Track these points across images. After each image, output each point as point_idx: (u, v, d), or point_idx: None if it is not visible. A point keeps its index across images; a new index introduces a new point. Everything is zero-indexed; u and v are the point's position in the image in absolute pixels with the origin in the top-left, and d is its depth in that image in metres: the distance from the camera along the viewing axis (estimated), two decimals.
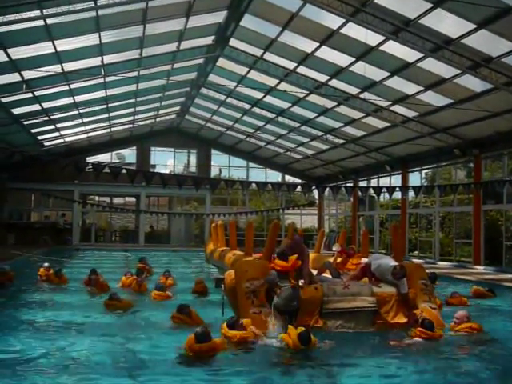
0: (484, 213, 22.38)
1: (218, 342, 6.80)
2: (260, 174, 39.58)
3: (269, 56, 20.05)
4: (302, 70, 20.33)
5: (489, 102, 17.93)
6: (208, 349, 6.56)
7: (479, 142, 21.63)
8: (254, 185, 18.47)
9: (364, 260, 11.09)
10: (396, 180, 28.83)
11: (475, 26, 13.89)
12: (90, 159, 33.15)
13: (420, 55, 16.32)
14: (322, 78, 20.49)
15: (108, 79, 20.93)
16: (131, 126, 32.35)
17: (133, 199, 40.63)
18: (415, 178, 28.72)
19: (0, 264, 16.58)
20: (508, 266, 19.97)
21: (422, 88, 18.80)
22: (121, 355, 6.91)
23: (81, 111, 25.50)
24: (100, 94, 23.30)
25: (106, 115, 27.79)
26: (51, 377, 5.91)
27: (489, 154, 22.22)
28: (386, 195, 24.50)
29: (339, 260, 12.10)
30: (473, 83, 17.43)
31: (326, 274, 10.59)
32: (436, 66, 16.82)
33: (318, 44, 17.62)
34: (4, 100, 20.32)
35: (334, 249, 12.74)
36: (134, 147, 37.02)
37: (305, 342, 6.99)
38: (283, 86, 22.07)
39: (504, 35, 14.04)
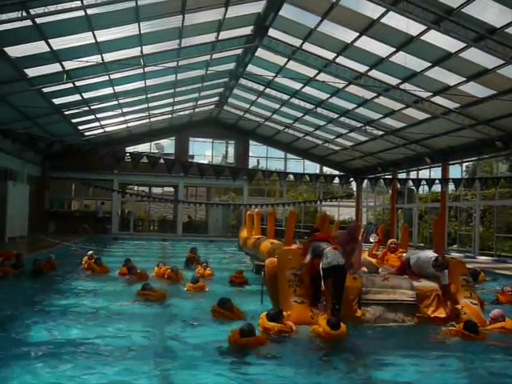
0: None
1: (260, 337, 6.92)
2: (298, 166, 39.46)
3: (308, 46, 19.93)
4: (341, 60, 20.13)
5: None
6: (252, 343, 6.69)
7: None
8: (291, 176, 18.50)
9: (404, 255, 10.97)
10: (436, 173, 28.39)
11: None
12: (130, 149, 33.59)
13: (462, 45, 15.95)
14: (362, 68, 20.26)
15: (147, 69, 21.13)
16: (170, 116, 32.66)
17: (171, 189, 41.12)
18: (455, 171, 28.22)
19: (44, 252, 17.07)
20: None
21: (463, 79, 18.40)
22: (158, 346, 7.04)
23: (120, 101, 25.89)
24: (139, 84, 23.59)
25: (145, 105, 28.14)
26: (89, 363, 6.09)
27: None
28: (426, 188, 24.11)
29: (376, 251, 11.99)
30: None
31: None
32: (478, 56, 16.41)
33: (357, 34, 17.42)
34: (45, 90, 20.77)
35: (371, 240, 12.64)
36: (173, 137, 37.35)
37: (335, 327, 7.08)
38: (322, 77, 21.89)
39: None
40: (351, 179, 23.23)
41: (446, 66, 17.84)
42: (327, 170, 39.53)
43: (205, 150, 39.72)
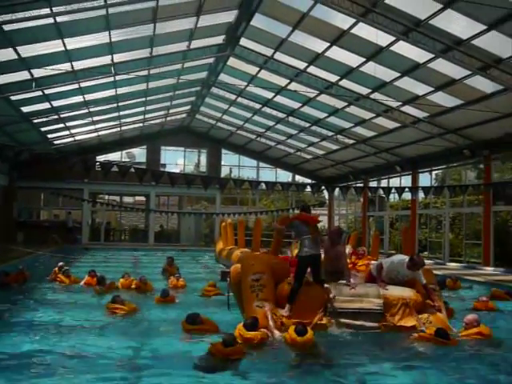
0: (494, 214, 22.25)
1: (241, 347, 6.89)
2: (270, 174, 39.61)
3: (279, 56, 20.05)
4: (312, 69, 20.31)
5: (499, 103, 17.83)
6: (235, 353, 6.64)
7: (489, 143, 21.51)
8: (263, 184, 18.52)
9: (373, 262, 11.07)
10: (406, 181, 28.78)
11: (485, 27, 13.85)
12: (101, 158, 33.30)
13: (430, 56, 16.27)
14: (333, 78, 20.46)
15: (118, 78, 20.98)
16: (141, 124, 32.48)
17: (142, 198, 40.80)
18: (425, 179, 28.65)
19: (14, 264, 16.76)
20: None
21: (432, 89, 18.74)
22: (130, 359, 6.95)
23: (91, 110, 25.63)
24: (110, 92, 23.39)
25: (116, 114, 27.92)
26: (56, 377, 5.98)
27: (499, 155, 22.06)
28: (396, 196, 24.42)
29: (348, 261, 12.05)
30: (483, 84, 17.33)
31: None
32: (446, 67, 16.75)
33: (328, 44, 17.60)
34: (14, 98, 20.43)
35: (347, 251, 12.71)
36: (145, 146, 37.08)
37: (301, 334, 7.16)
38: (294, 86, 22.07)
39: None
40: (323, 187, 23.32)
41: (415, 76, 18.15)
42: (299, 179, 39.76)
43: (177, 159, 39.65)
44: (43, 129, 27.16)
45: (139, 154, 38.22)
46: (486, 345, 7.80)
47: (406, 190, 20.31)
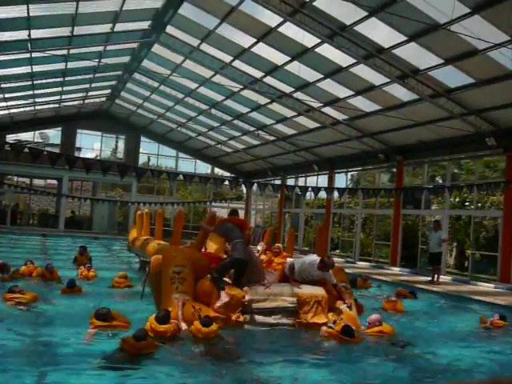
0: (403, 217, 23.21)
1: (153, 341, 6.77)
2: (189, 165, 39.37)
3: (205, 47, 19.87)
4: (237, 64, 20.29)
5: (414, 111, 18.59)
6: (147, 347, 6.52)
7: (403, 149, 22.40)
8: (181, 176, 18.30)
9: (288, 260, 11.21)
10: (323, 180, 29.44)
11: (406, 38, 14.39)
12: (11, 137, 31.75)
13: (353, 61, 16.68)
14: (257, 74, 20.54)
15: (35, 55, 19.99)
16: (57, 105, 31.21)
17: (54, 182, 39.26)
18: (341, 179, 29.47)
19: None
20: (422, 269, 20.79)
21: (352, 92, 19.25)
22: (32, 352, 6.66)
23: (2, 86, 24.26)
24: (25, 69, 22.20)
25: (30, 92, 26.56)
26: None
27: (411, 160, 23.02)
28: (313, 194, 24.94)
29: (264, 258, 12.12)
30: (400, 92, 18.02)
31: None
32: (367, 73, 17.26)
33: (255, 40, 17.62)
34: None
35: (258, 248, 12.75)
36: (59, 128, 35.71)
37: (206, 325, 7.34)
38: (218, 79, 21.96)
39: (431, 49, 14.62)
40: (240, 183, 23.42)
41: (337, 79, 18.56)
42: (218, 171, 39.77)
43: (93, 143, 38.49)
44: None
45: (53, 135, 36.85)
46: (388, 342, 8.14)
47: (322, 189, 20.75)
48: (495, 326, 9.95)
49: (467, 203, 24.53)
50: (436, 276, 16.85)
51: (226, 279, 8.91)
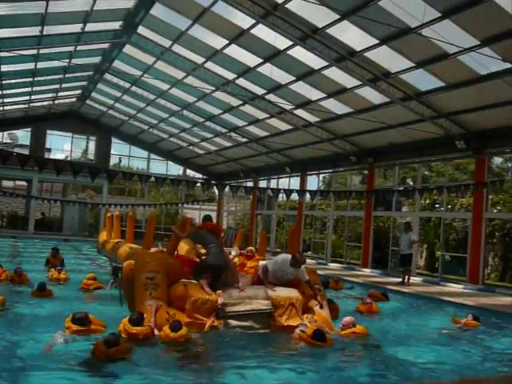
0: (374, 218, 23.42)
1: (126, 345, 6.63)
2: (161, 167, 39.11)
3: (177, 48, 19.76)
4: (209, 65, 20.23)
5: (385, 114, 18.79)
6: (119, 352, 6.35)
7: (374, 151, 22.61)
8: (153, 178, 18.14)
9: (261, 262, 11.22)
10: (295, 181, 29.52)
11: (378, 42, 14.53)
12: None
13: (325, 63, 16.77)
14: (230, 75, 20.51)
15: (2, 54, 19.57)
16: (26, 106, 30.68)
17: (24, 183, 38.58)
18: (313, 181, 29.59)
19: None
20: (393, 270, 21.00)
21: (324, 95, 19.36)
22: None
23: None
24: None
25: None
26: None
27: (382, 163, 23.24)
28: (285, 196, 24.99)
29: (237, 261, 12.11)
30: (372, 95, 18.20)
31: None
32: (339, 76, 17.39)
33: (227, 41, 17.60)
34: None
35: (232, 253, 12.73)
36: (29, 128, 35.11)
37: (175, 329, 7.26)
38: (190, 80, 21.87)
39: (403, 53, 14.79)
40: (213, 185, 23.38)
41: (309, 81, 18.65)
42: (190, 173, 39.63)
43: (63, 144, 38.05)
44: None
45: (22, 136, 36.22)
46: (362, 344, 8.19)
47: (294, 191, 20.81)
48: (468, 326, 10.07)
49: (437, 205, 24.87)
50: (406, 277, 17.02)
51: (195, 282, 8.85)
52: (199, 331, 7.99)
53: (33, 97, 28.91)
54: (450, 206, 22.89)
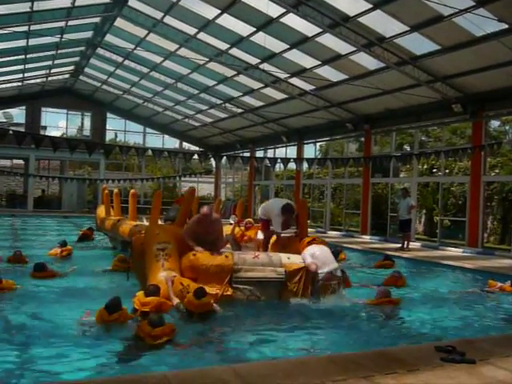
0: (372, 185, 23.46)
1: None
2: (157, 140, 39.05)
3: (169, 20, 19.53)
4: (202, 36, 20.00)
5: (380, 79, 18.64)
6: (164, 333, 6.02)
7: (370, 118, 22.52)
8: (149, 151, 18.08)
9: (259, 234, 11.27)
10: (292, 151, 29.49)
11: (371, 6, 14.33)
12: None
13: (319, 30, 16.58)
14: (223, 45, 20.30)
15: None
16: (20, 84, 30.43)
17: (21, 161, 38.50)
18: (310, 150, 29.59)
19: None
20: (392, 236, 21.13)
21: (319, 62, 19.19)
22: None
23: None
24: None
25: None
26: None
27: (378, 129, 23.18)
28: (282, 165, 24.98)
29: (237, 231, 12.13)
30: (367, 61, 18.03)
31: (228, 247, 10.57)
32: (333, 42, 17.21)
33: (219, 11, 17.39)
34: None
35: (231, 221, 12.75)
36: (24, 107, 34.94)
37: (199, 296, 7.18)
38: (183, 52, 21.66)
39: (397, 17, 14.60)
40: (210, 156, 23.34)
41: (303, 49, 18.48)
42: (187, 146, 39.53)
43: (58, 121, 37.96)
44: None
45: (17, 114, 36.07)
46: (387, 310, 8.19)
47: (291, 160, 20.80)
48: (503, 291, 9.90)
49: (435, 170, 24.87)
50: (406, 243, 17.13)
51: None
52: (214, 300, 7.90)
53: (26, 74, 28.72)
54: (447, 171, 22.91)
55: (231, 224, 12.33)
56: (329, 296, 8.46)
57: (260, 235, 10.76)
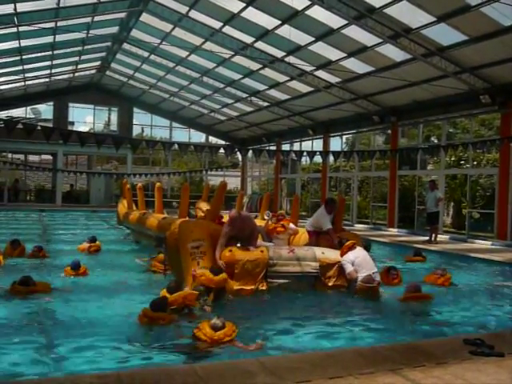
0: (399, 178, 23.25)
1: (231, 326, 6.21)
2: (183, 135, 39.27)
3: (194, 14, 19.58)
4: (227, 30, 20.02)
5: (407, 71, 18.44)
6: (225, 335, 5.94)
7: (397, 110, 22.28)
8: (176, 145, 18.19)
9: (292, 226, 11.50)
10: (318, 144, 29.35)
11: None
12: (3, 113, 31.45)
13: (344, 22, 16.46)
14: (248, 39, 20.29)
15: (22, 29, 19.70)
16: (48, 80, 30.88)
17: (49, 157, 39.12)
18: (336, 143, 29.39)
19: None
20: (419, 229, 20.93)
21: (345, 55, 19.05)
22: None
23: None
24: (13, 44, 21.94)
25: (19, 67, 26.29)
26: None
27: (406, 121, 22.92)
28: (308, 159, 24.89)
29: (272, 225, 12.12)
30: (393, 53, 17.81)
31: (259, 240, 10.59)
32: (359, 34, 17.05)
33: (244, 4, 17.39)
34: None
35: (265, 217, 12.87)
36: (51, 102, 35.44)
37: (216, 273, 7.72)
38: (208, 46, 21.70)
39: (423, 7, 14.43)
40: (236, 150, 23.33)
41: (329, 41, 18.36)
42: (213, 140, 39.64)
43: (86, 117, 38.25)
44: None
45: (45, 110, 36.63)
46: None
47: (318, 153, 20.71)
48: None
49: (463, 162, 24.52)
50: (434, 235, 16.97)
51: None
52: (249, 295, 8.11)
53: (53, 70, 29.06)
54: (475, 163, 22.56)
55: (265, 219, 12.43)
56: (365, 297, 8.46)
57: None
